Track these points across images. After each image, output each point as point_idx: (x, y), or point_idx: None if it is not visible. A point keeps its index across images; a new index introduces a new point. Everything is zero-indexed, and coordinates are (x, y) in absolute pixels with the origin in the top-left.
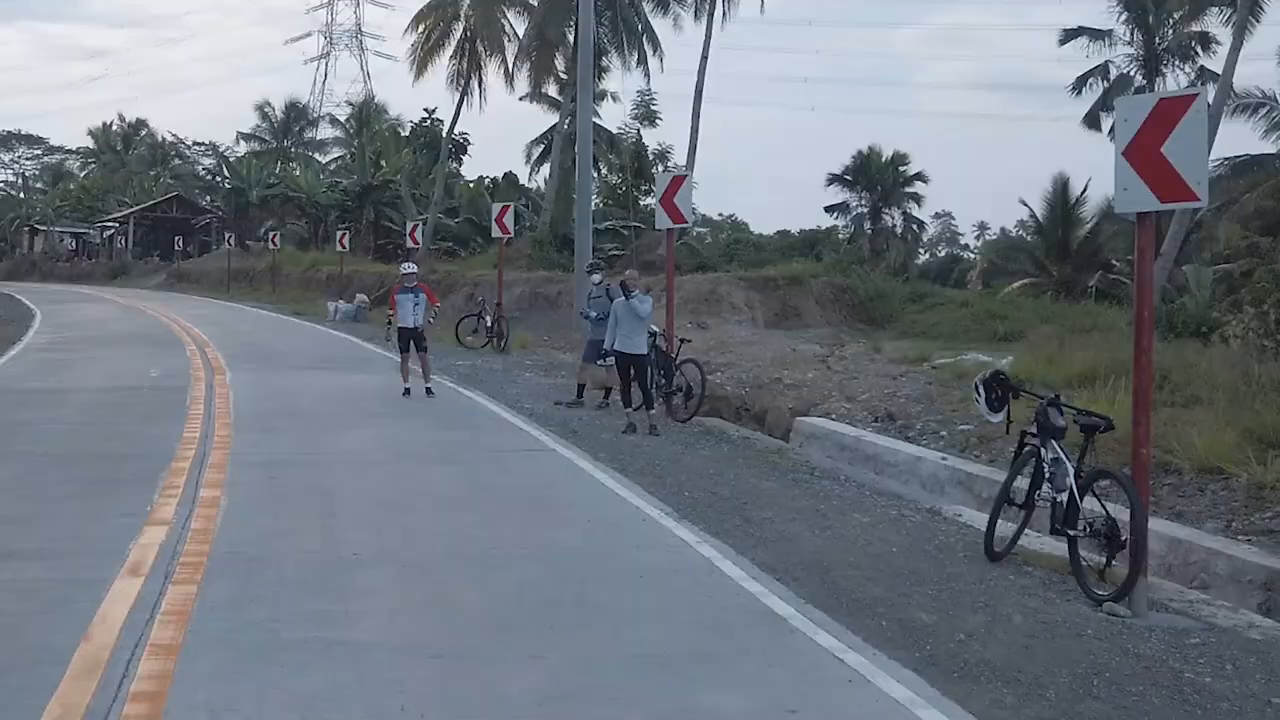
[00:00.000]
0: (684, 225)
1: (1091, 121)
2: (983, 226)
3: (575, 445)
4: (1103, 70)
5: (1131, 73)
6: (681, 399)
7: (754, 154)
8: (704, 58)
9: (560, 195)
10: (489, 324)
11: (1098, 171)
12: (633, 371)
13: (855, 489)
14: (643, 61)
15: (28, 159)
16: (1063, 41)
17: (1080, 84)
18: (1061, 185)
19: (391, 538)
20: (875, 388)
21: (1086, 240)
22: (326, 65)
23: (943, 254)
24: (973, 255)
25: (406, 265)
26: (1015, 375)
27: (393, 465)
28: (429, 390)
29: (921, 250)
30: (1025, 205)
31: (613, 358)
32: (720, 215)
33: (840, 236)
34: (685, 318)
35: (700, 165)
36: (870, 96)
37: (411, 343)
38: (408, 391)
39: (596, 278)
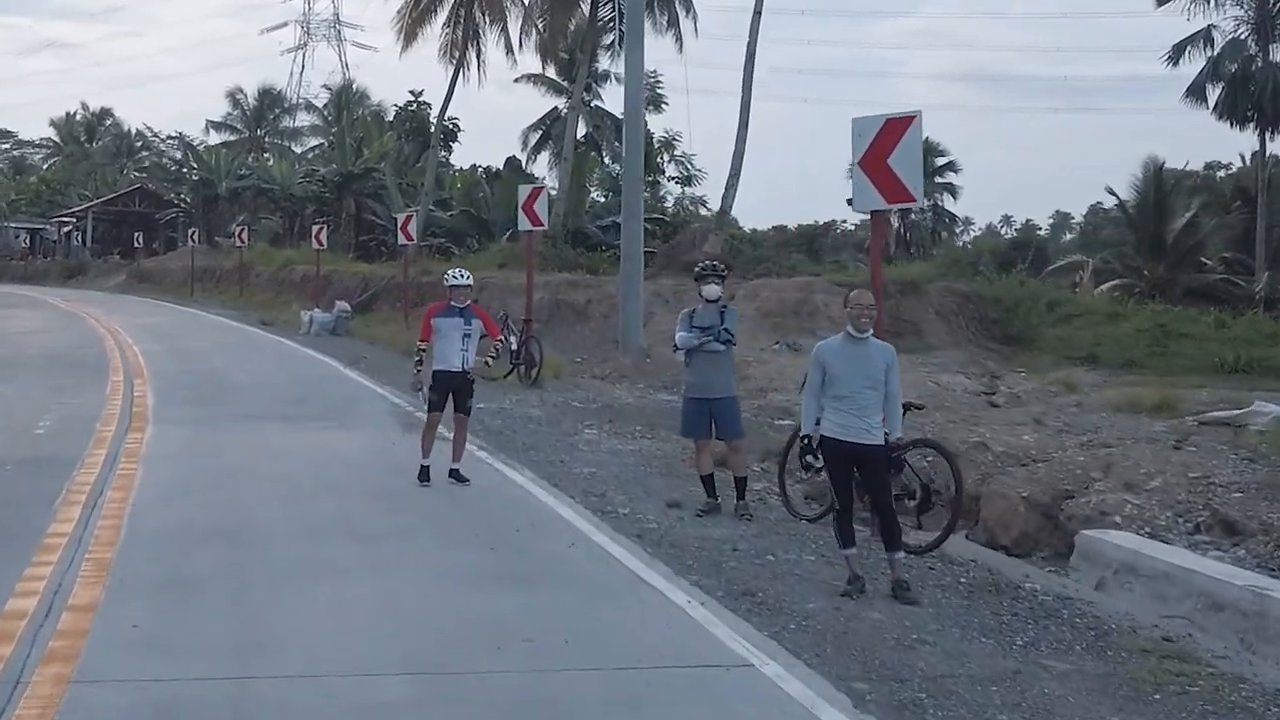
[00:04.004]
0: (913, 204)
1: (1196, 94)
2: (966, 221)
3: (774, 638)
4: (1205, 36)
5: (1244, 36)
6: (914, 510)
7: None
8: (757, 13)
9: (573, 184)
10: (514, 346)
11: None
12: (858, 475)
13: None
14: (674, 24)
15: None
16: (1161, 2)
17: (1178, 52)
18: (1155, 171)
19: None
20: (1160, 466)
21: (1184, 234)
22: (304, 56)
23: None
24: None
25: (455, 274)
26: None
27: None
28: (456, 473)
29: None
30: (1112, 194)
31: (819, 452)
32: (709, 212)
33: (838, 231)
34: (768, 336)
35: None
36: (847, 88)
37: (452, 396)
38: (425, 474)
39: (714, 290)
